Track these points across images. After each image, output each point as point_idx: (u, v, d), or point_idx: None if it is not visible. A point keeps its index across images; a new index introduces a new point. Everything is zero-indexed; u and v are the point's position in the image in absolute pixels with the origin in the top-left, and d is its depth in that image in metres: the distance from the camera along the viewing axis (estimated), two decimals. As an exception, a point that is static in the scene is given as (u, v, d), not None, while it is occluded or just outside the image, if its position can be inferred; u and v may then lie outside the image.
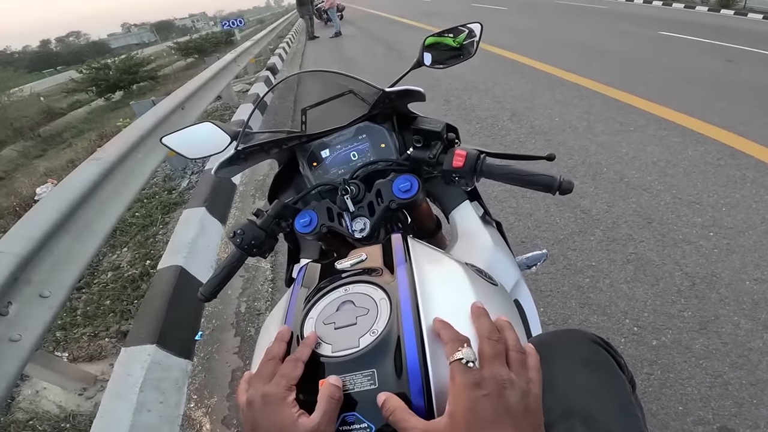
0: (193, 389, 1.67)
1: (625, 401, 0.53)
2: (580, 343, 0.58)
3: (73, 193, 1.73)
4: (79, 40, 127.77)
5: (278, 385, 0.43)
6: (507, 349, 0.44)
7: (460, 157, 0.73)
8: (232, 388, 1.66)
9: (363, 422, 0.42)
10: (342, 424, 0.43)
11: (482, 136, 3.41)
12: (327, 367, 0.45)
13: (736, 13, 12.87)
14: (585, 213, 2.26)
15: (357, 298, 0.52)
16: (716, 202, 2.25)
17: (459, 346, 0.42)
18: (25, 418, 1.66)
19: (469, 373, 0.40)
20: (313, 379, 0.45)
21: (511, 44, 7.14)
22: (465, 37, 0.92)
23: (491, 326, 0.45)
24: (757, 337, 1.52)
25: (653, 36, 7.66)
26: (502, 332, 0.45)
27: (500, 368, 0.41)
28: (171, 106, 2.99)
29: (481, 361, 0.42)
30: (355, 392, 0.43)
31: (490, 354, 0.42)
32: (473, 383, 0.39)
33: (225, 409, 1.58)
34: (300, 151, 0.87)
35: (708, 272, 1.81)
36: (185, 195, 3.04)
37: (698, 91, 4.09)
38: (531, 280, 1.86)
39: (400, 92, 0.81)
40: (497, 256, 0.76)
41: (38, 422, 1.64)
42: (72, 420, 1.62)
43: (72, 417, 1.63)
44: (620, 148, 2.93)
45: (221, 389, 1.67)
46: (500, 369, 0.41)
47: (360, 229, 0.74)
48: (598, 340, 0.59)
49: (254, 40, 8.50)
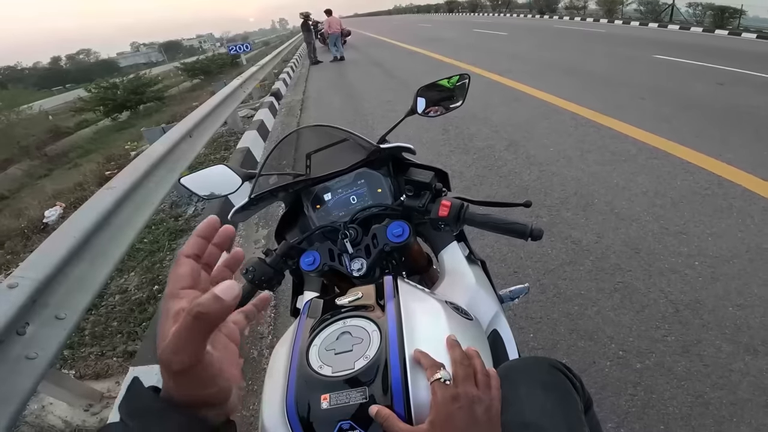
0: None
1: (574, 418, 0.63)
2: (542, 368, 0.68)
3: (88, 221, 1.82)
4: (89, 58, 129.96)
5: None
6: (475, 372, 0.56)
7: (445, 208, 0.83)
8: (233, 408, 1.73)
9: (356, 429, 0.54)
10: (339, 430, 0.54)
11: (479, 167, 3.50)
12: (327, 385, 0.57)
13: (730, 33, 13.18)
14: (575, 244, 2.35)
15: (353, 329, 0.63)
16: (702, 232, 2.34)
17: (437, 369, 0.54)
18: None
19: (447, 390, 0.52)
20: (316, 397, 0.56)
21: (510, 71, 7.36)
22: (457, 80, 1.04)
23: (462, 354, 0.57)
24: (738, 359, 1.60)
25: (648, 59, 7.89)
26: (472, 359, 0.57)
27: (471, 387, 0.53)
28: (180, 133, 3.10)
29: (455, 381, 0.54)
30: (350, 405, 0.55)
31: (462, 376, 0.54)
32: (450, 397, 0.52)
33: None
34: (305, 195, 0.97)
35: (692, 299, 1.90)
36: (191, 222, 3.13)
37: (689, 117, 4.23)
38: (521, 308, 1.94)
39: (392, 148, 0.92)
40: (478, 293, 0.86)
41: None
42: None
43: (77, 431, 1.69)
44: (611, 178, 3.04)
45: (222, 409, 1.73)
46: (471, 388, 0.53)
47: (357, 268, 0.84)
48: (560, 366, 0.70)
49: (260, 65, 8.72)
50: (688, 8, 17.96)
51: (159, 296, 2.34)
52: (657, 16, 18.66)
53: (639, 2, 20.40)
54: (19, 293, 1.31)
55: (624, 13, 21.32)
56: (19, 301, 1.29)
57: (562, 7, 27.05)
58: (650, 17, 18.67)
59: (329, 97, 7.53)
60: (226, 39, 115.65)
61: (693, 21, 17.20)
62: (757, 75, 6.19)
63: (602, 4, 22.62)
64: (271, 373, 0.67)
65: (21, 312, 1.30)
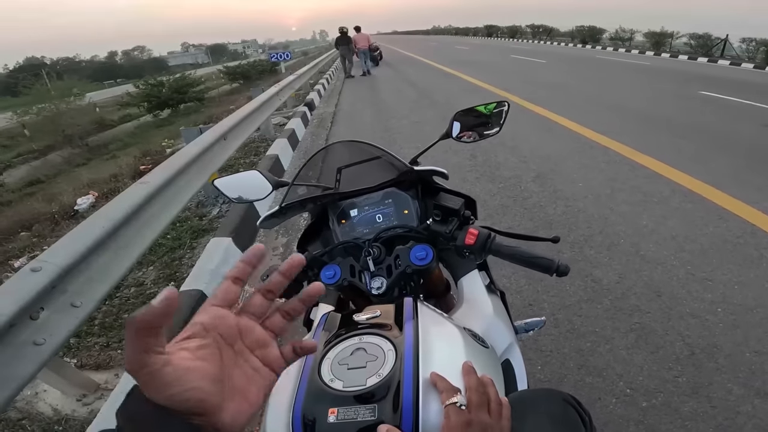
0: None
1: None
2: (552, 401, 0.67)
3: (119, 213, 1.88)
4: (142, 55, 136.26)
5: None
6: (489, 400, 0.56)
7: (473, 236, 0.83)
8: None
9: None
10: None
11: (503, 196, 3.47)
12: (337, 399, 0.57)
13: None
14: (596, 282, 2.29)
15: (369, 347, 0.63)
16: (729, 280, 2.26)
17: (453, 393, 0.55)
18: (17, 417, 1.71)
19: (461, 415, 0.52)
20: (324, 410, 0.56)
21: (545, 100, 7.30)
22: (495, 106, 1.03)
23: (478, 381, 0.57)
24: (747, 402, 1.56)
25: (693, 96, 7.68)
26: (486, 387, 0.57)
27: (484, 415, 0.54)
28: (215, 136, 3.22)
29: (469, 407, 0.54)
30: (357, 421, 0.55)
31: (476, 402, 0.54)
32: (464, 422, 0.52)
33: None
34: (331, 208, 0.99)
35: (709, 343, 1.84)
36: (215, 223, 3.20)
37: (729, 160, 4.08)
38: (533, 341, 1.91)
39: (425, 171, 0.93)
40: (495, 322, 0.85)
41: (29, 422, 1.69)
42: (64, 424, 1.67)
43: (65, 421, 1.68)
44: (640, 219, 2.96)
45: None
46: (484, 416, 0.54)
47: (377, 287, 0.84)
48: (570, 399, 0.68)
49: (297, 74, 8.97)
50: (741, 44, 17.44)
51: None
52: (707, 50, 18.19)
53: (690, 36, 19.91)
54: (40, 277, 1.34)
55: (672, 46, 20.84)
56: (38, 286, 1.32)
57: (607, 38, 26.71)
58: (700, 51, 18.20)
59: (361, 112, 7.65)
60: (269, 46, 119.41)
61: (745, 57, 16.68)
62: (807, 118, 5.95)
63: (650, 37, 22.17)
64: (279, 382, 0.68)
65: (38, 296, 1.32)
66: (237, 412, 0.35)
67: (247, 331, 0.38)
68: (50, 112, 16.06)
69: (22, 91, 18.75)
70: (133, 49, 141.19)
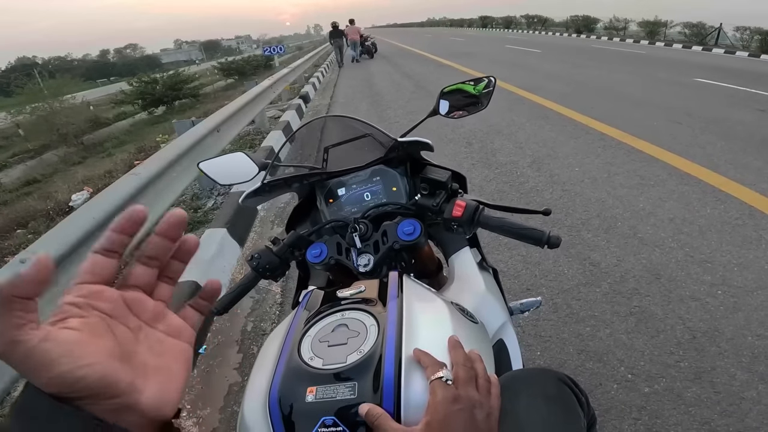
0: (188, 400, 1.74)
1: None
2: (547, 380, 0.64)
3: (110, 204, 1.86)
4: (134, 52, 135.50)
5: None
6: (477, 376, 0.53)
7: (460, 208, 0.80)
8: (226, 402, 1.73)
9: (339, 426, 0.51)
10: (321, 426, 0.51)
11: (500, 182, 3.45)
12: (315, 377, 0.54)
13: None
14: (594, 265, 2.27)
15: (351, 322, 0.61)
16: (728, 262, 2.24)
17: (438, 368, 0.52)
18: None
19: (448, 390, 0.49)
20: (302, 389, 0.54)
21: (541, 88, 7.27)
22: (484, 86, 1.00)
23: (465, 356, 0.54)
24: (751, 387, 1.54)
25: (688, 83, 7.66)
26: (474, 362, 0.55)
27: (472, 390, 0.51)
28: (208, 127, 3.19)
29: (456, 382, 0.51)
30: (336, 400, 0.52)
31: (464, 378, 0.51)
32: (451, 398, 0.49)
33: (216, 422, 1.65)
34: (319, 188, 0.97)
35: (710, 327, 1.82)
36: (209, 215, 3.18)
37: (726, 144, 4.07)
38: (531, 326, 1.89)
39: (410, 142, 0.90)
40: (487, 300, 0.83)
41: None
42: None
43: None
44: (638, 202, 2.94)
45: (215, 402, 1.73)
46: (472, 391, 0.51)
47: (364, 264, 0.82)
48: (566, 379, 0.66)
49: (291, 67, 8.91)
50: (735, 32, 17.38)
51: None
52: (702, 39, 18.14)
53: (684, 25, 19.82)
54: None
55: (667, 35, 20.77)
56: None
57: (601, 27, 26.58)
58: (694, 40, 18.15)
59: (356, 104, 7.61)
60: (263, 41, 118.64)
61: (739, 45, 16.63)
62: (802, 104, 5.94)
63: (644, 26, 22.08)
64: (259, 362, 0.65)
65: None
66: (160, 390, 0.31)
67: (138, 305, 0.32)
68: (44, 111, 15.95)
69: (15, 91, 18.61)
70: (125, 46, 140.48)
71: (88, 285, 0.30)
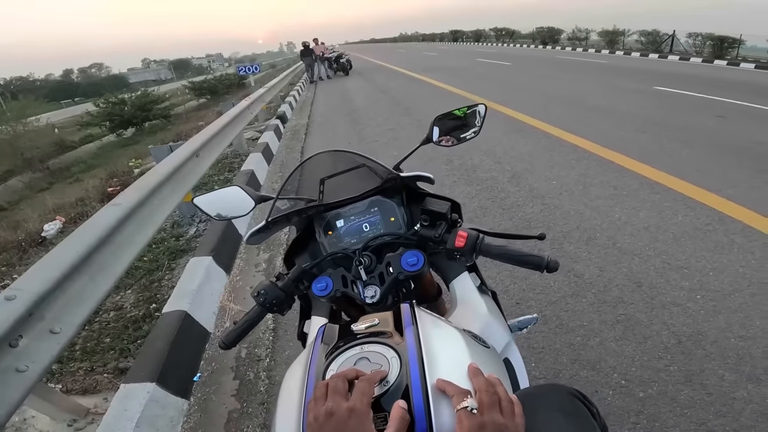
0: (187, 428, 1.71)
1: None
2: (560, 395, 0.67)
3: (92, 236, 1.82)
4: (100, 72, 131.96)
5: (362, 402, 0.52)
6: (500, 400, 0.55)
7: (462, 238, 0.83)
8: (227, 429, 1.70)
9: None
10: None
11: (482, 198, 3.52)
12: None
13: (729, 64, 13.44)
14: (578, 277, 2.34)
15: (371, 355, 0.62)
16: (704, 267, 2.35)
17: (464, 397, 0.54)
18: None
19: (474, 418, 0.52)
20: None
21: (514, 101, 7.47)
22: (474, 113, 1.04)
23: (486, 382, 0.57)
24: (741, 387, 1.61)
25: (649, 92, 8.03)
26: (495, 387, 0.57)
27: (497, 415, 0.53)
28: (187, 153, 3.13)
29: (481, 409, 0.53)
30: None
31: (488, 404, 0.54)
32: (477, 425, 0.51)
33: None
34: (317, 220, 0.98)
35: (694, 331, 1.90)
36: (192, 242, 3.12)
37: (690, 151, 4.27)
38: (524, 339, 1.93)
39: (411, 177, 0.93)
40: (490, 322, 0.86)
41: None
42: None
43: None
44: (613, 213, 3.05)
45: (215, 429, 1.70)
46: (497, 416, 0.53)
47: (371, 296, 0.84)
48: (576, 393, 0.69)
49: (267, 86, 8.88)
50: (688, 38, 18.32)
51: (156, 315, 2.32)
52: (657, 46, 19.04)
53: (640, 33, 20.84)
54: (16, 305, 1.31)
55: (625, 44, 21.77)
56: (15, 314, 1.29)
57: (565, 38, 27.64)
58: (651, 48, 19.04)
59: (334, 122, 7.63)
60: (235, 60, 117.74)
61: (693, 51, 17.52)
62: (756, 107, 6.32)
63: (604, 35, 23.14)
64: (283, 398, 0.66)
65: (16, 325, 1.29)
66: None
67: None
68: (7, 134, 15.37)
69: (-26, 114, 17.92)
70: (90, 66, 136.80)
71: None
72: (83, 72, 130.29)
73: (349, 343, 0.65)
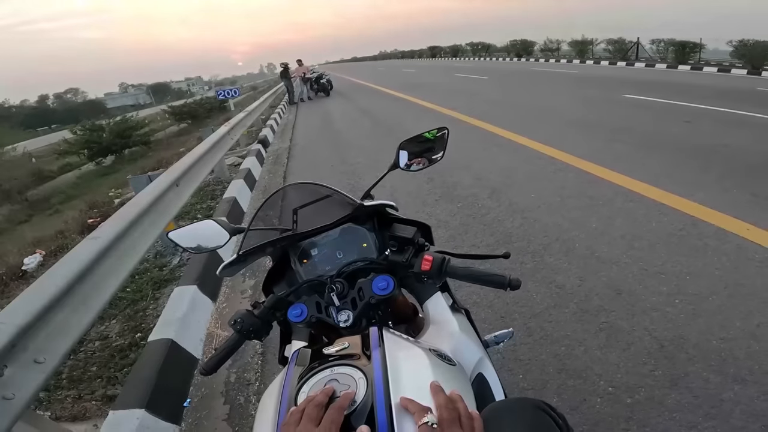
0: None
1: None
2: (526, 409, 0.70)
3: (71, 270, 1.81)
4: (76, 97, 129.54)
5: (330, 429, 0.55)
6: (460, 416, 0.58)
7: (428, 262, 0.89)
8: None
9: None
10: None
11: (463, 215, 3.56)
12: None
13: (693, 68, 14.03)
14: (559, 288, 2.39)
15: (340, 377, 0.66)
16: (680, 272, 2.42)
17: (424, 413, 0.57)
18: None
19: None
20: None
21: (490, 116, 7.65)
22: (437, 132, 1.09)
23: (447, 399, 0.60)
24: (727, 389, 1.64)
25: (619, 100, 8.34)
26: (455, 403, 0.60)
27: (456, 429, 0.56)
28: (167, 183, 3.11)
29: (441, 424, 0.56)
30: None
31: (448, 419, 0.57)
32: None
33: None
34: (292, 249, 1.01)
35: (675, 335, 1.95)
36: (176, 272, 3.09)
37: (661, 157, 4.43)
38: (510, 350, 1.96)
39: (375, 206, 0.98)
40: (462, 340, 0.89)
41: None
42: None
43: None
44: (590, 223, 3.14)
45: (207, 455, 1.68)
46: (456, 430, 0.56)
47: (345, 320, 0.87)
48: (542, 405, 0.71)
49: (248, 111, 8.90)
50: (651, 45, 19.04)
51: (142, 343, 2.29)
52: (624, 54, 19.75)
53: (606, 42, 21.62)
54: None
55: (594, 53, 22.54)
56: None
57: (538, 50, 28.48)
58: (618, 56, 19.73)
59: (316, 146, 7.64)
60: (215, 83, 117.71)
61: (657, 57, 18.18)
62: (721, 110, 6.61)
63: (573, 45, 23.96)
64: (259, 421, 0.70)
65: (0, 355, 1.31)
66: None
67: None
68: (-18, 165, 15.01)
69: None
70: (65, 91, 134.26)
71: None
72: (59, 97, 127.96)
73: (321, 365, 0.69)
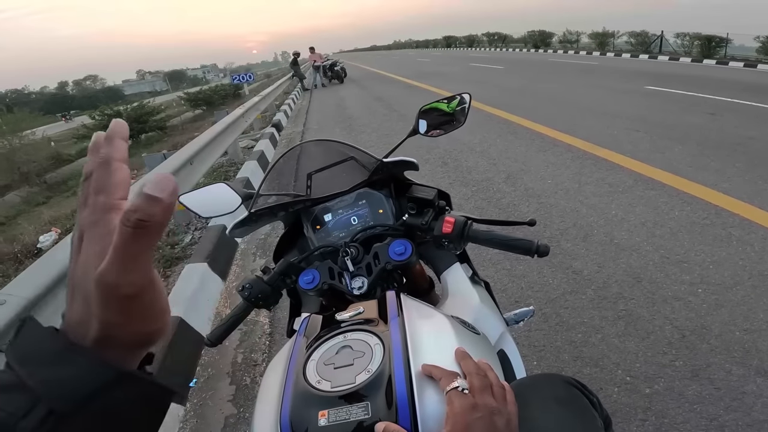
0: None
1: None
2: (555, 384, 0.65)
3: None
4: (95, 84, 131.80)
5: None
6: (491, 384, 0.53)
7: (449, 224, 0.81)
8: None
9: None
10: None
11: (478, 199, 3.51)
12: (326, 401, 0.53)
13: (718, 63, 13.57)
14: (576, 273, 2.32)
15: (354, 343, 0.60)
16: (703, 261, 2.33)
17: (453, 378, 0.51)
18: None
19: (465, 399, 0.49)
20: (314, 414, 0.52)
21: (507, 104, 7.50)
22: (457, 103, 1.02)
23: (476, 365, 0.54)
24: (750, 381, 1.58)
25: (639, 91, 8.08)
26: (486, 371, 0.54)
27: (489, 398, 0.50)
28: (181, 160, 3.13)
29: (472, 391, 0.50)
30: (350, 422, 0.51)
31: (479, 386, 0.51)
32: (470, 407, 0.48)
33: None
34: (305, 215, 0.96)
35: (697, 325, 1.88)
36: (188, 250, 3.10)
37: (683, 147, 4.28)
38: (524, 336, 1.91)
39: (396, 162, 0.91)
40: (483, 312, 0.84)
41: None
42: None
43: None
44: (610, 209, 3.05)
45: (213, 436, 1.67)
46: (489, 398, 0.50)
47: (358, 287, 0.82)
48: (573, 382, 0.66)
49: (262, 95, 8.90)
50: (676, 39, 18.47)
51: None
52: (647, 47, 19.20)
53: (629, 35, 21.03)
54: (5, 310, 1.31)
55: (615, 45, 21.96)
56: (5, 319, 1.28)
57: (556, 41, 27.85)
58: (640, 49, 19.19)
59: (329, 130, 7.62)
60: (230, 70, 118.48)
61: (681, 51, 17.66)
62: (746, 104, 6.36)
63: (594, 37, 23.36)
64: (263, 391, 0.64)
65: (5, 329, 1.28)
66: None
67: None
68: (3, 148, 15.30)
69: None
70: (84, 78, 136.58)
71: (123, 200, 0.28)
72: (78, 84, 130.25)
73: (331, 332, 0.64)
